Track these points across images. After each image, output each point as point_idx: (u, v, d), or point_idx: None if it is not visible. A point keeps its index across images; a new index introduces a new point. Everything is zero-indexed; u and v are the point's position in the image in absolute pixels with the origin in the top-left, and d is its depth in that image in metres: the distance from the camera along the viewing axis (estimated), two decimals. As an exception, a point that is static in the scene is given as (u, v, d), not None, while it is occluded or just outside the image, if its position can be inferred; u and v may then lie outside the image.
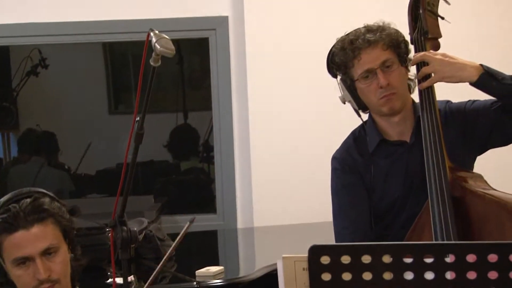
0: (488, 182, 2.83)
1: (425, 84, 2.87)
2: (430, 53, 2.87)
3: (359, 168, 3.00)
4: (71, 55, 6.15)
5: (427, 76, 2.87)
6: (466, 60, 2.83)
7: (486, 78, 2.79)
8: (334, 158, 3.08)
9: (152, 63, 2.31)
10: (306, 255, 1.96)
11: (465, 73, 2.81)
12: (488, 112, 2.91)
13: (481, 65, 2.81)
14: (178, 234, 2.42)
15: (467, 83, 2.82)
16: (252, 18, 4.79)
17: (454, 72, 2.82)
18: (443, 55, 2.85)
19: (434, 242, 2.45)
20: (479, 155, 3.01)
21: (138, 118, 2.38)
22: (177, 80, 6.57)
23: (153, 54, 2.28)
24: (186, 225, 2.43)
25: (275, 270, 2.04)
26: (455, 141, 2.93)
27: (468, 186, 2.77)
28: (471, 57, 2.86)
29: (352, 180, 3.00)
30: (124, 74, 6.73)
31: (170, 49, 2.28)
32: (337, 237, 3.02)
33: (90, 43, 5.62)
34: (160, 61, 2.31)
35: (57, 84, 6.42)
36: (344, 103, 3.04)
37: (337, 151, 3.09)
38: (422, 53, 2.88)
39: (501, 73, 2.81)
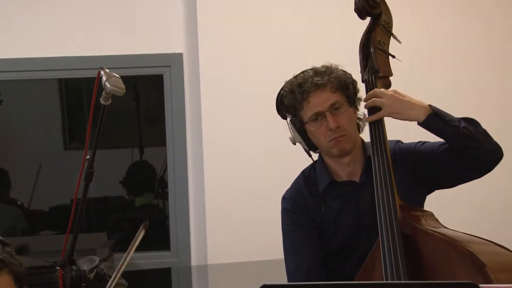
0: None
1: (373, 117, 2.88)
2: (379, 91, 2.89)
3: (309, 208, 3.01)
4: (26, 91, 6.11)
5: (376, 109, 2.89)
6: (416, 99, 2.86)
7: (433, 119, 2.81)
8: (284, 199, 3.08)
9: (102, 102, 2.31)
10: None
11: (413, 112, 2.83)
12: (436, 154, 2.94)
13: (429, 105, 2.84)
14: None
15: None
16: (206, 55, 4.82)
17: (403, 109, 2.84)
18: (394, 91, 2.87)
19: (382, 282, 2.45)
20: (428, 194, 3.05)
21: (88, 156, 2.36)
22: (133, 116, 6.55)
23: (103, 92, 2.28)
24: (139, 231, 2.39)
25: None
26: (405, 181, 2.95)
27: (418, 224, 2.78)
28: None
29: (303, 220, 3.01)
30: (79, 110, 6.70)
31: (120, 88, 2.28)
32: (290, 277, 3.01)
33: (46, 79, 5.59)
34: (110, 99, 2.30)
35: (12, 120, 6.36)
36: (295, 144, 3.06)
37: (287, 191, 3.10)
38: (373, 90, 2.90)
39: (449, 115, 2.84)
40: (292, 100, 2.95)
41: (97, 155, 2.45)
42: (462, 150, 2.85)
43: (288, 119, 3.04)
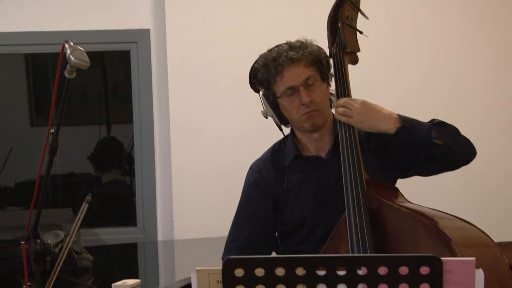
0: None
1: (343, 119, 2.87)
2: (351, 100, 2.86)
3: (271, 181, 3.02)
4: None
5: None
6: (385, 109, 2.85)
7: (403, 132, 2.81)
8: (250, 169, 3.10)
9: (66, 75, 2.29)
10: (220, 267, 1.96)
11: (383, 125, 2.82)
12: (411, 150, 2.95)
13: (398, 116, 2.84)
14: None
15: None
16: (173, 31, 4.80)
17: (372, 122, 2.82)
18: (363, 103, 2.85)
19: (346, 255, 2.47)
20: (400, 178, 3.07)
21: (52, 130, 2.35)
22: (101, 93, 6.51)
23: (68, 66, 2.27)
24: (83, 206, 2.37)
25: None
26: (376, 164, 2.97)
27: (384, 199, 2.80)
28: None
29: (258, 196, 3.02)
30: (46, 86, 6.65)
31: (84, 61, 2.26)
32: (224, 250, 3.04)
33: (12, 55, 5.54)
34: (75, 73, 2.29)
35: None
36: (266, 118, 3.06)
37: (255, 161, 3.11)
38: (344, 100, 2.88)
39: (418, 124, 2.84)
40: (265, 74, 2.95)
41: (65, 132, 2.44)
42: (434, 156, 2.87)
43: (261, 92, 3.04)
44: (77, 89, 6.15)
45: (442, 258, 1.91)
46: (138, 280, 3.16)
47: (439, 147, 2.83)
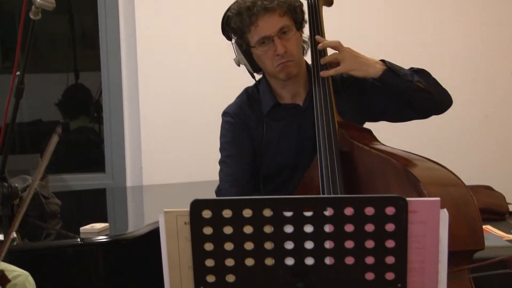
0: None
1: (331, 72, 2.87)
2: (341, 44, 2.86)
3: (250, 124, 3.02)
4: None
5: (331, 65, 2.89)
6: (368, 56, 2.87)
7: (388, 75, 2.83)
8: (226, 113, 3.09)
9: (32, 16, 2.27)
10: (188, 209, 1.97)
11: (371, 69, 2.84)
12: (387, 96, 2.96)
13: (383, 61, 2.85)
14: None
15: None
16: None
17: (361, 66, 2.84)
18: (350, 49, 2.86)
19: (312, 196, 2.49)
20: (370, 121, 3.08)
21: (18, 73, 2.33)
22: (69, 40, 6.45)
23: (33, 7, 2.25)
24: (52, 137, 2.34)
25: (160, 226, 2.04)
26: (348, 107, 2.98)
27: (356, 141, 2.82)
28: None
29: (240, 135, 3.02)
30: (12, 32, 6.57)
31: (49, 2, 2.24)
32: (218, 189, 3.05)
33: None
34: (40, 14, 2.27)
35: None
36: (239, 66, 3.04)
37: (230, 106, 3.10)
38: (336, 41, 2.88)
39: (402, 69, 2.87)
40: (239, 23, 2.92)
41: (32, 79, 2.42)
42: (414, 100, 2.88)
43: (233, 40, 3.02)
44: (45, 36, 6.09)
45: (407, 199, 1.93)
46: (106, 224, 3.18)
47: (421, 91, 2.84)
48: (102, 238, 3.04)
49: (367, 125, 3.03)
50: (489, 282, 2.92)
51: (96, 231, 3.09)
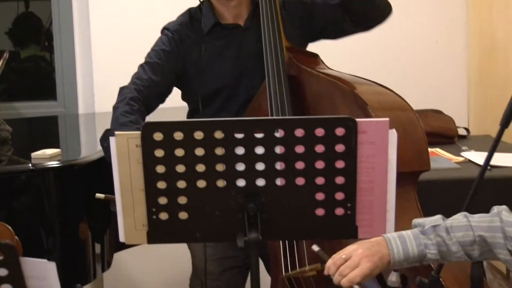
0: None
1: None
2: None
3: (188, 45, 3.01)
4: None
5: None
6: None
7: None
8: (166, 29, 3.07)
9: None
10: (139, 132, 1.97)
11: None
12: (328, 6, 2.96)
13: None
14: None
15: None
16: None
17: None
18: None
19: (264, 117, 2.50)
20: (311, 42, 3.09)
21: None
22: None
23: None
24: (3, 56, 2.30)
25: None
26: (292, 28, 2.99)
27: (304, 65, 2.84)
28: None
29: (172, 52, 3.00)
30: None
31: None
32: (129, 82, 3.03)
33: None
34: None
35: None
36: None
37: (170, 23, 3.08)
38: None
39: None
40: None
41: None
42: (354, 4, 2.88)
43: None
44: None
45: (357, 119, 1.96)
46: (58, 150, 3.16)
47: None
48: (53, 163, 3.02)
49: (315, 49, 3.04)
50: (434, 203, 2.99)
51: (47, 156, 3.07)
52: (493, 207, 1.97)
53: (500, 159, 3.52)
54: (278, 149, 1.97)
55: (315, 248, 2.17)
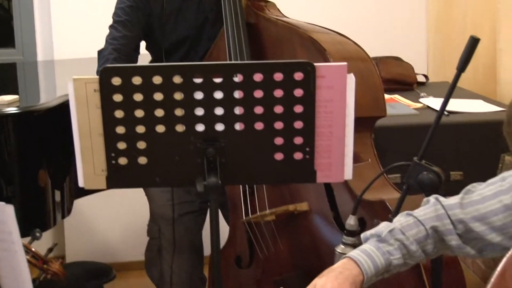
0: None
1: None
2: None
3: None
4: None
5: None
6: None
7: None
8: None
9: None
10: (97, 76, 1.97)
11: None
12: None
13: None
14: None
15: None
16: None
17: None
18: None
19: (222, 62, 2.50)
20: None
21: None
22: None
23: None
24: None
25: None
26: None
27: (262, 13, 2.84)
28: None
29: (138, 6, 3.00)
30: None
31: None
32: (105, 43, 3.04)
33: None
34: None
35: None
36: None
37: None
38: None
39: None
40: None
41: None
42: None
43: None
44: None
45: (315, 64, 1.97)
46: (16, 96, 3.13)
47: None
48: (12, 109, 2.99)
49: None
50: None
51: (5, 102, 3.03)
52: (425, 199, 1.96)
53: (458, 105, 3.56)
54: (237, 94, 1.98)
55: None
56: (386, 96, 2.92)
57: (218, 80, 1.96)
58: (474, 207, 1.90)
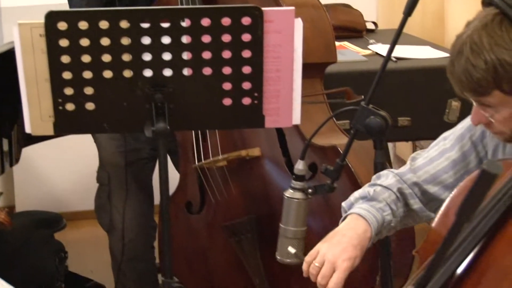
0: None
1: None
2: None
3: None
4: None
5: None
6: None
7: None
8: None
9: None
10: (43, 21, 1.94)
11: None
12: None
13: None
14: None
15: None
16: None
17: None
18: None
19: (169, 7, 2.48)
20: None
21: None
22: None
23: None
24: None
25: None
26: None
27: None
28: None
29: None
30: None
31: None
32: None
33: None
34: None
35: None
36: None
37: None
38: None
39: None
40: None
41: None
42: None
43: None
44: None
45: (263, 8, 1.96)
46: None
47: None
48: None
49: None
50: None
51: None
52: (377, 174, 1.99)
53: (406, 51, 3.58)
54: (185, 39, 1.97)
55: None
56: (336, 43, 2.94)
57: (165, 25, 1.95)
58: (423, 170, 1.96)
